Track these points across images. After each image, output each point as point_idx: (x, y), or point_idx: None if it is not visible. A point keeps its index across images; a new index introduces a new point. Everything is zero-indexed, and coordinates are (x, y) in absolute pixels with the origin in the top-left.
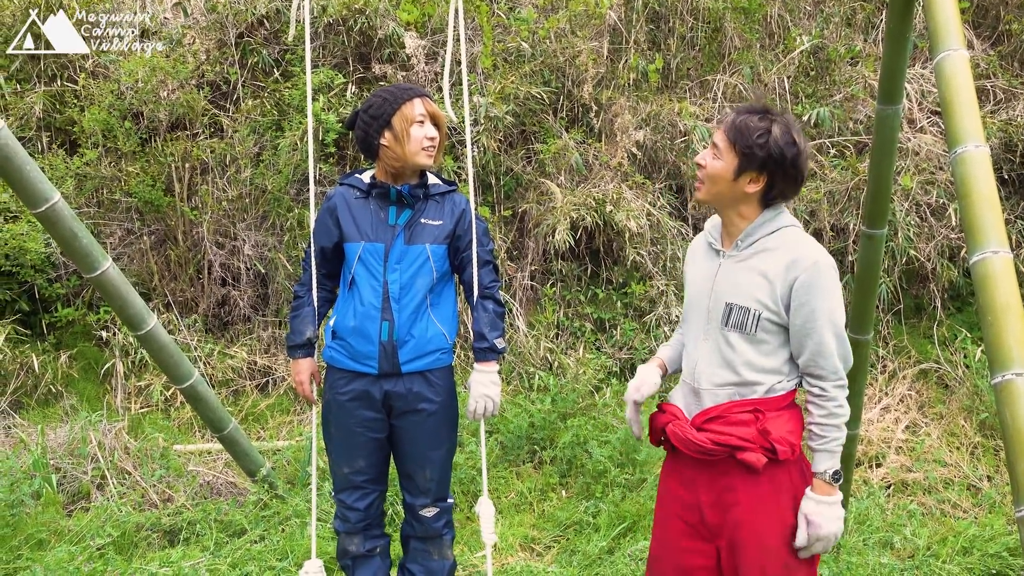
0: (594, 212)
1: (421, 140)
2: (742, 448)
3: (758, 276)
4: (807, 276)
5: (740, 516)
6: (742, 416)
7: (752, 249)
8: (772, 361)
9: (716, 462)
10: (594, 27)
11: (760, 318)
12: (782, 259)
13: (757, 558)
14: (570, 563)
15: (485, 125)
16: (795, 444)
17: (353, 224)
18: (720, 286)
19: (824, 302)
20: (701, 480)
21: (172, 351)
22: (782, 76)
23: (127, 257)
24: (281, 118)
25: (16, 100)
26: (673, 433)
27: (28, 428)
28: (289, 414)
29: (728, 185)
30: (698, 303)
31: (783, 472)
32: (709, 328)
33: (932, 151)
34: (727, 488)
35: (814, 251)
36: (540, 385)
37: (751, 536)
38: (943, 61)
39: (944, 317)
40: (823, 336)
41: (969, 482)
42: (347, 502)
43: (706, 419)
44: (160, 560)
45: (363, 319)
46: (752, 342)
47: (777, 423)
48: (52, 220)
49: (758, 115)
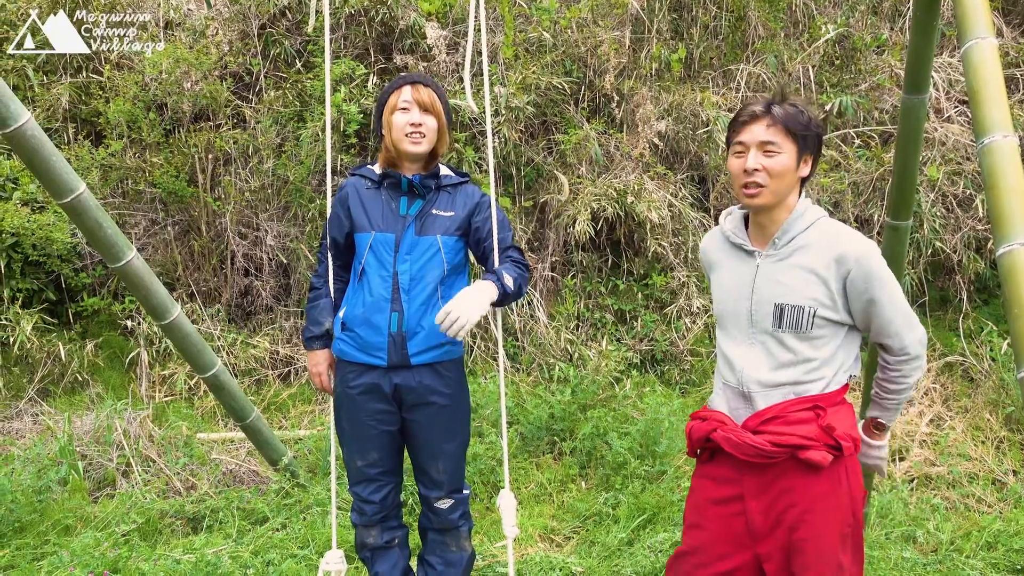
0: (615, 203)
1: (404, 127)
2: (805, 447)
3: (807, 273)
4: (859, 269)
5: (798, 517)
6: (802, 414)
7: (791, 246)
8: (827, 352)
9: (768, 465)
10: (616, 16)
11: (816, 315)
12: (827, 254)
13: (815, 560)
14: (589, 554)
15: (506, 115)
16: (857, 438)
17: (364, 214)
18: (763, 288)
19: (881, 290)
20: (749, 485)
21: (195, 341)
22: (806, 65)
23: (151, 247)
24: (303, 109)
25: (43, 92)
26: (725, 439)
27: (55, 416)
28: (311, 403)
29: (792, 176)
30: (736, 308)
31: (841, 468)
32: (754, 331)
33: (959, 141)
34: (784, 491)
35: (857, 241)
36: (560, 376)
37: (810, 537)
38: (971, 50)
39: (970, 309)
40: (884, 318)
41: (994, 476)
42: (363, 495)
43: (761, 421)
44: (183, 547)
45: (372, 310)
46: (807, 339)
47: (838, 418)
48: (78, 211)
49: (786, 102)
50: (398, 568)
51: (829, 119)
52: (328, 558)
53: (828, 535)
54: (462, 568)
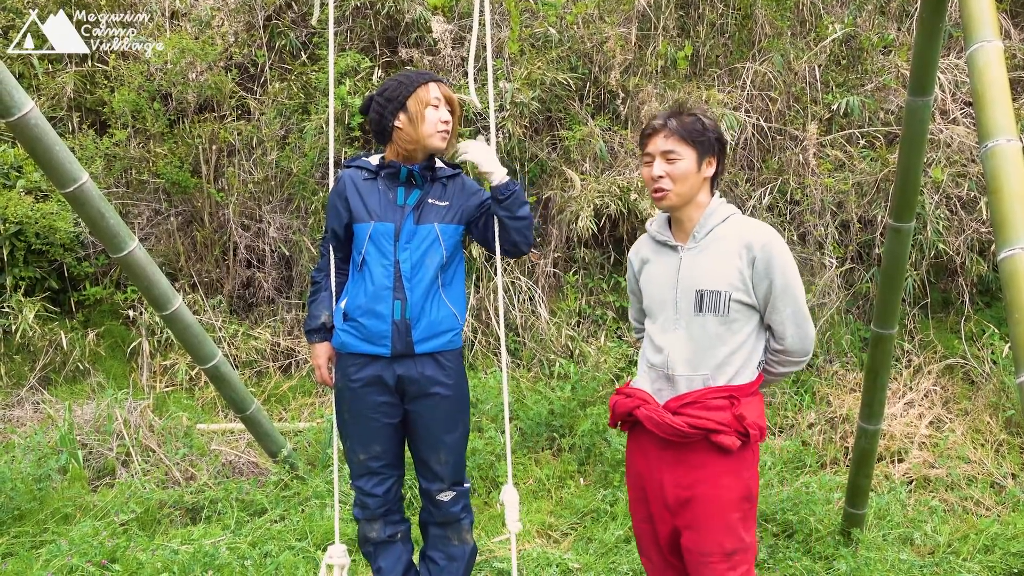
0: (618, 200)
1: (436, 123)
2: (718, 431)
3: (723, 260)
4: (763, 253)
5: (705, 484)
6: (718, 401)
7: (709, 238)
8: (741, 336)
9: (687, 444)
10: (623, 13)
11: (731, 299)
12: (738, 242)
13: (715, 526)
14: (587, 551)
15: (511, 111)
16: (763, 428)
17: (362, 205)
18: (686, 277)
19: (780, 277)
20: (666, 460)
21: (196, 332)
22: (813, 64)
23: (154, 237)
24: (307, 101)
25: (48, 81)
26: (647, 417)
27: (56, 404)
28: (311, 396)
29: (695, 177)
30: (663, 297)
31: (747, 451)
32: (679, 318)
33: (964, 143)
34: (696, 466)
35: (764, 231)
36: (560, 372)
37: (712, 496)
38: (976, 52)
39: (972, 312)
40: (776, 302)
41: (993, 479)
42: (365, 488)
43: (681, 404)
44: (182, 537)
45: (375, 299)
46: (725, 323)
47: (750, 408)
48: (80, 200)
49: (681, 113)
50: (401, 563)
51: (834, 119)
52: (331, 552)
53: (729, 506)
54: (464, 562)
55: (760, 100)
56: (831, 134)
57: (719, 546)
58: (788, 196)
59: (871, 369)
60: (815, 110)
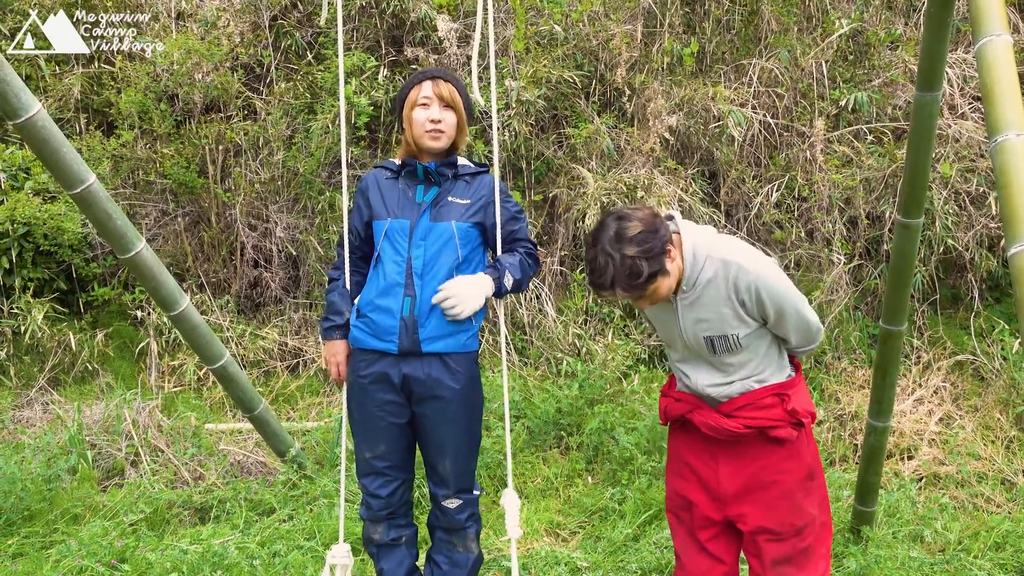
0: (625, 197)
1: (423, 123)
2: (775, 427)
3: (716, 308)
4: (749, 296)
5: (767, 473)
6: (768, 400)
7: (697, 286)
8: (764, 350)
9: (741, 440)
10: (628, 10)
11: (740, 337)
12: (726, 287)
13: (785, 509)
14: (595, 549)
15: (516, 109)
16: (813, 412)
17: (381, 202)
18: (688, 326)
19: (775, 308)
20: (720, 454)
21: (204, 332)
22: (820, 60)
23: (161, 238)
24: (314, 101)
25: (55, 82)
26: (703, 423)
27: (65, 405)
28: (319, 395)
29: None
30: (673, 337)
31: (803, 433)
32: (698, 355)
33: (973, 138)
34: (754, 458)
35: (744, 271)
36: (568, 371)
37: (776, 483)
38: (985, 47)
39: (982, 308)
40: (782, 328)
41: (1004, 476)
42: (370, 488)
43: (734, 408)
44: (191, 537)
45: (385, 294)
46: (744, 351)
47: (798, 399)
48: (87, 201)
49: (620, 282)
50: (403, 567)
51: (842, 115)
52: (334, 551)
53: (794, 488)
54: (467, 569)
55: (767, 96)
56: (838, 130)
57: (790, 526)
58: (796, 192)
59: (880, 366)
60: (822, 106)
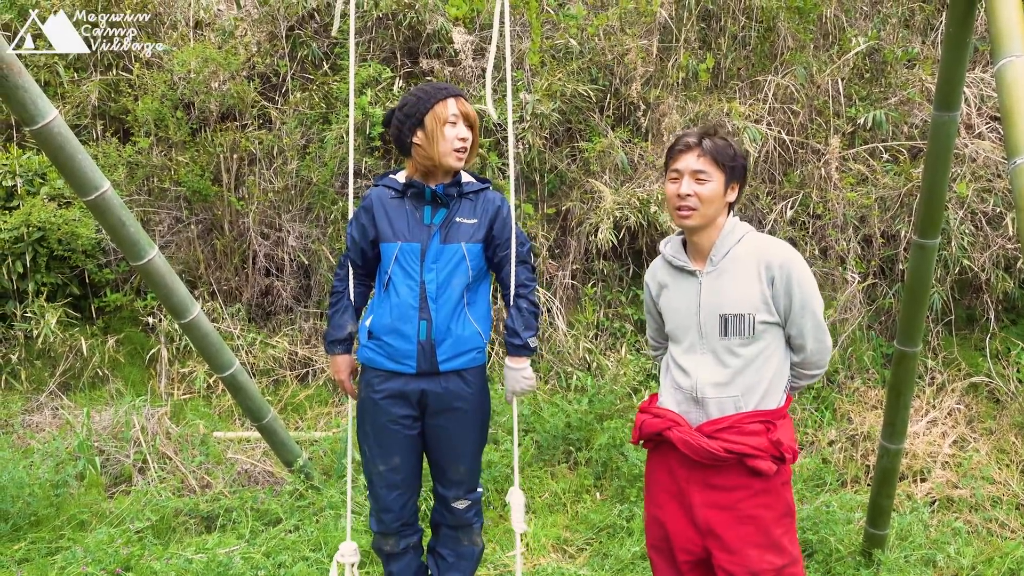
0: (638, 212)
1: (452, 140)
2: (755, 456)
3: (743, 282)
4: (781, 272)
5: (744, 506)
6: (753, 426)
7: (727, 260)
8: (768, 355)
9: (718, 465)
10: (644, 25)
11: (756, 320)
12: (757, 263)
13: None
14: (602, 567)
15: (531, 122)
16: (796, 451)
17: (388, 224)
18: (708, 301)
19: (799, 293)
20: (695, 479)
21: (214, 340)
22: (836, 78)
23: (174, 245)
24: (328, 111)
25: (73, 88)
26: (681, 440)
27: (75, 410)
28: (327, 405)
29: (720, 201)
30: (686, 323)
31: (783, 469)
32: (704, 342)
33: (990, 158)
34: (730, 488)
35: (781, 250)
36: (578, 385)
37: (754, 518)
38: (1004, 68)
39: (997, 329)
40: (797, 319)
41: (1019, 501)
42: (385, 501)
43: (716, 429)
44: (196, 546)
45: (401, 319)
46: (751, 344)
47: (784, 431)
48: (101, 208)
49: (714, 134)
50: (411, 568)
51: (857, 133)
52: (342, 550)
53: (773, 524)
54: (473, 559)
55: (782, 113)
56: (854, 148)
57: (770, 564)
58: (810, 210)
59: (894, 387)
60: (838, 123)
